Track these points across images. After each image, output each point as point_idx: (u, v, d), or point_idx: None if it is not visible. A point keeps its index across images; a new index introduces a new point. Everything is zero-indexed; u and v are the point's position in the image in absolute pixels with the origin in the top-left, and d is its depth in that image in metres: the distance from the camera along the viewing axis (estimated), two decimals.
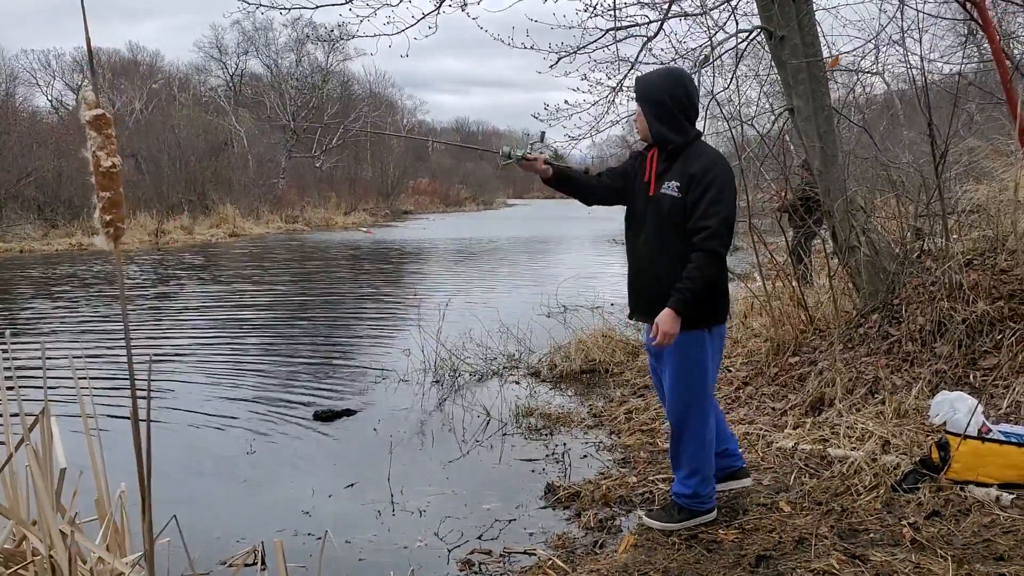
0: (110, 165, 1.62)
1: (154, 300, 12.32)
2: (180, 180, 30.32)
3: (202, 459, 5.12)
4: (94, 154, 1.62)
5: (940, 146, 5.53)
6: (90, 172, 1.65)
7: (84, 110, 1.60)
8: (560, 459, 4.89)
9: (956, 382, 4.79)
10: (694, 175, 3.44)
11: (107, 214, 1.67)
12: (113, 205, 1.65)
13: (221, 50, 51.52)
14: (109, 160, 1.61)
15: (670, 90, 3.53)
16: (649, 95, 3.56)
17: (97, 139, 1.61)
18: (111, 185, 1.63)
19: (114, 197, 1.65)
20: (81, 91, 1.62)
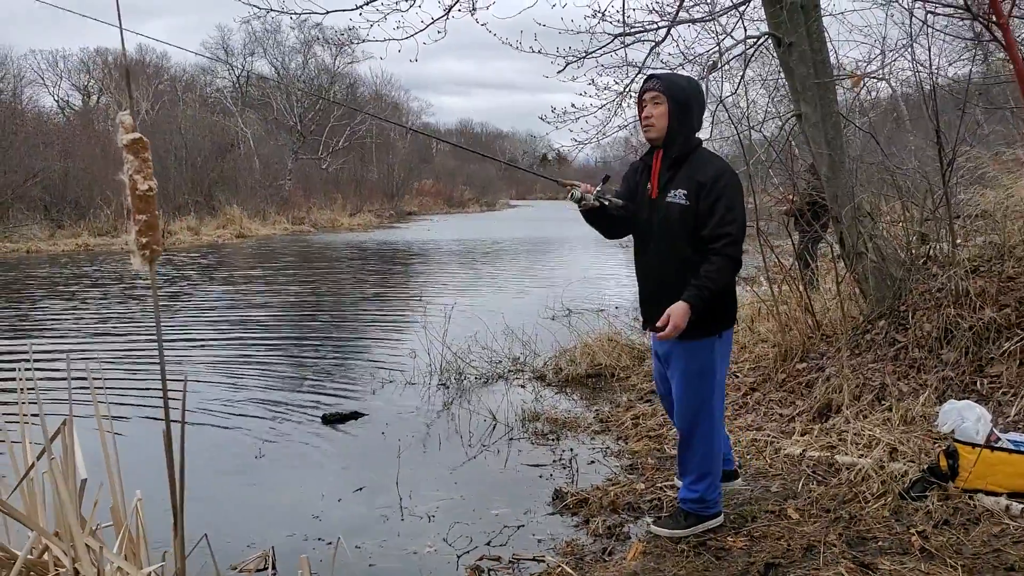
0: (146, 189, 1.64)
1: (161, 301, 12.35)
2: (186, 181, 30.41)
3: (211, 462, 5.13)
4: (131, 177, 1.63)
5: (947, 153, 5.53)
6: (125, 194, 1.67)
7: (122, 134, 1.62)
8: (567, 465, 4.91)
9: (963, 389, 4.80)
10: (703, 183, 3.45)
11: (143, 236, 1.69)
12: (149, 228, 1.67)
13: (227, 51, 51.61)
14: (146, 184, 1.63)
15: (696, 98, 3.61)
16: (677, 94, 3.54)
17: (134, 163, 1.63)
18: (147, 208, 1.65)
19: (150, 220, 1.66)
20: (119, 115, 1.64)
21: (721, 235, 3.39)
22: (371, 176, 50.04)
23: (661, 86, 3.55)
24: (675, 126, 3.53)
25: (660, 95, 3.54)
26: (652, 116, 3.55)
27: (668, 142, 3.57)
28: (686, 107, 3.54)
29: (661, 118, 3.53)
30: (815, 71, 5.92)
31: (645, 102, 3.60)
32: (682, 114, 3.53)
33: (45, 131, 29.92)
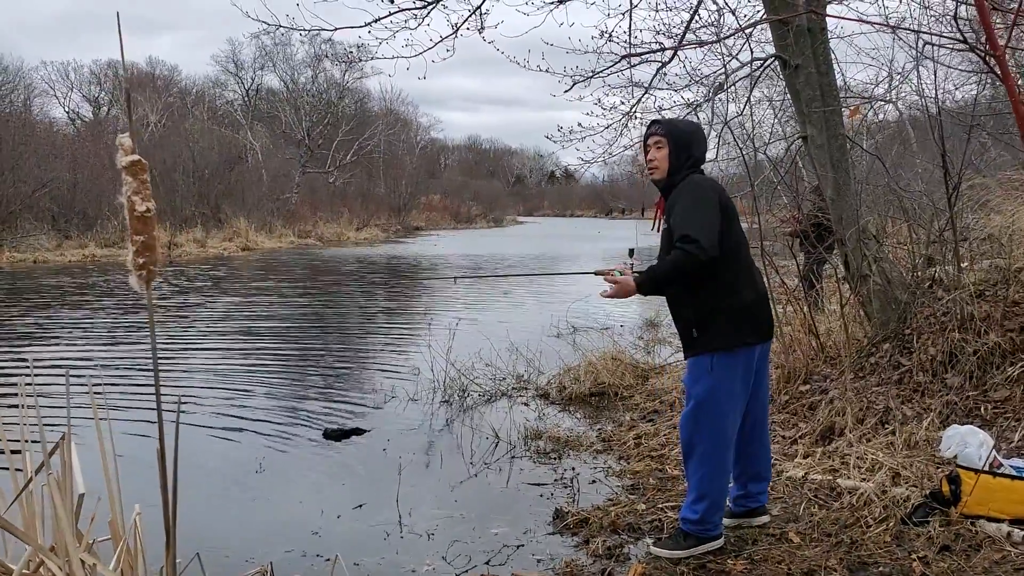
0: (144, 210, 1.65)
1: (165, 313, 12.37)
2: (194, 193, 30.52)
3: (211, 475, 5.13)
4: (129, 198, 1.65)
5: (953, 178, 5.53)
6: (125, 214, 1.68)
7: (121, 155, 1.64)
8: (569, 484, 4.89)
9: (967, 414, 4.78)
10: (672, 202, 3.64)
11: (140, 257, 1.70)
12: (147, 248, 1.68)
13: (237, 64, 51.97)
14: (144, 205, 1.65)
15: (696, 138, 3.77)
16: (677, 135, 3.71)
17: (132, 184, 1.65)
18: (145, 229, 1.66)
19: (147, 241, 1.68)
20: (119, 137, 1.66)
21: (679, 236, 3.47)
22: (378, 190, 50.23)
23: (663, 130, 3.75)
24: (675, 166, 3.70)
25: (662, 139, 3.71)
26: (655, 160, 3.73)
27: (670, 177, 3.72)
28: (687, 149, 3.71)
29: (663, 161, 3.71)
30: (821, 93, 5.93)
31: (649, 146, 3.77)
32: (683, 155, 3.70)
33: (55, 142, 30.09)
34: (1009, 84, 1.50)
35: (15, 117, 30.40)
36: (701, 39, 6.60)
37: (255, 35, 46.70)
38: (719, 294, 3.57)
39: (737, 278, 3.62)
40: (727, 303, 3.58)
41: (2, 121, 27.19)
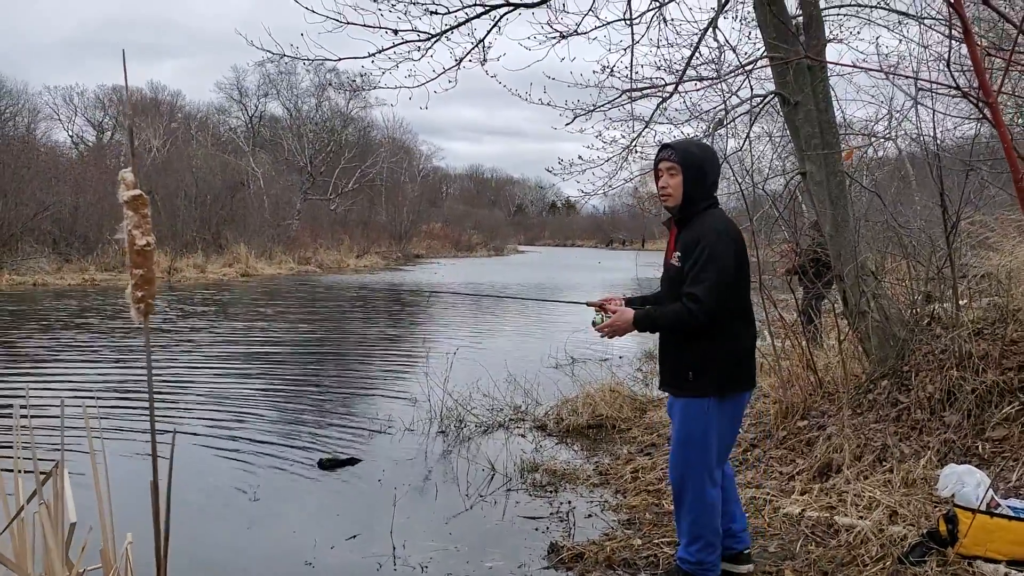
0: (144, 244, 1.66)
1: (163, 339, 12.36)
2: (195, 218, 30.63)
3: (205, 503, 5.10)
4: (129, 232, 1.66)
5: (951, 216, 5.55)
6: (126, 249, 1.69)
7: (123, 191, 1.65)
8: (564, 518, 4.86)
9: (965, 453, 4.76)
10: (689, 243, 3.54)
11: (139, 290, 1.71)
12: (145, 282, 1.69)
13: (241, 92, 52.34)
14: (144, 239, 1.66)
15: (710, 162, 3.68)
16: (691, 162, 3.61)
17: (133, 218, 1.66)
18: (144, 263, 1.67)
19: (146, 274, 1.69)
20: (120, 172, 1.67)
21: (686, 294, 3.47)
22: (379, 218, 50.38)
23: (676, 156, 3.62)
24: (690, 194, 3.61)
25: (675, 166, 3.61)
26: (668, 187, 3.63)
27: (685, 204, 3.64)
28: (701, 174, 3.61)
29: (677, 189, 3.61)
30: (820, 130, 5.97)
31: (661, 171, 3.67)
32: (697, 181, 3.61)
33: (57, 165, 30.22)
34: (1002, 131, 1.51)
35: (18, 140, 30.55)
36: (702, 75, 6.65)
37: (259, 63, 47.11)
38: (720, 339, 3.53)
39: (739, 324, 3.61)
40: (727, 348, 3.56)
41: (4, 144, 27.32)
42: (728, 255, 3.50)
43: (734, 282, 3.52)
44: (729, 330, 3.55)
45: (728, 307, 3.51)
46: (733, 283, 3.51)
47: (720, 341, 3.53)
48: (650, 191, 20.02)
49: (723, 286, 3.46)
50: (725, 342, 3.54)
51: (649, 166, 8.55)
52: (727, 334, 3.55)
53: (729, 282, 3.49)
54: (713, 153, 3.82)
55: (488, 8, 6.62)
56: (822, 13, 6.38)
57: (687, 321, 3.45)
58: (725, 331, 3.54)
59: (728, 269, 3.49)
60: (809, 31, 6.18)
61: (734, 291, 3.53)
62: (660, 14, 6.83)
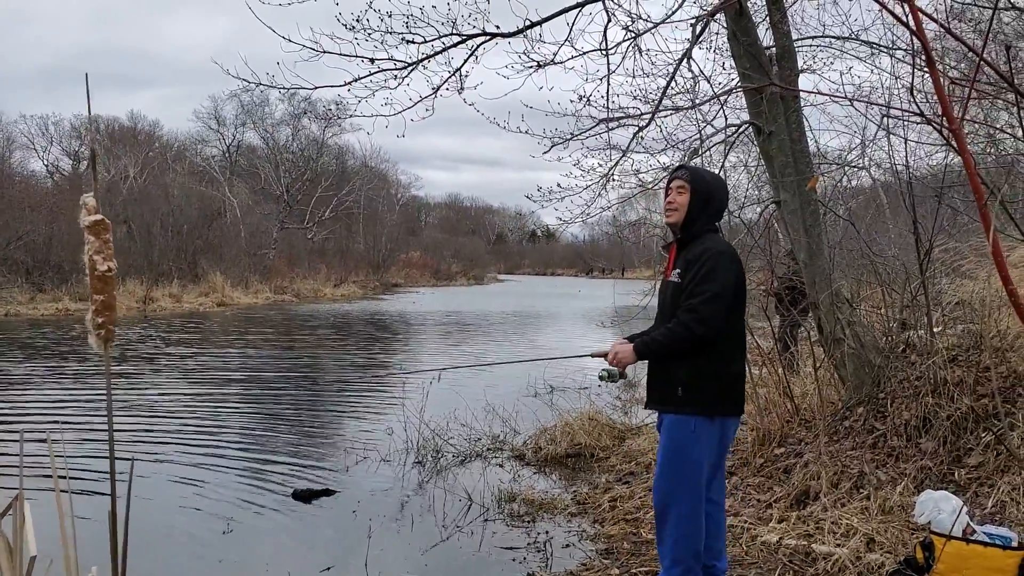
0: (105, 269, 1.63)
1: (136, 369, 12.21)
2: (171, 248, 30.41)
3: (177, 536, 5.02)
4: (91, 258, 1.63)
5: (924, 243, 5.61)
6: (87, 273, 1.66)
7: (84, 215, 1.62)
8: (542, 548, 4.81)
9: (941, 479, 4.77)
10: (691, 260, 3.58)
11: (99, 316, 1.68)
12: (106, 308, 1.66)
13: (219, 121, 52.27)
14: (105, 264, 1.63)
15: (719, 192, 3.78)
16: (700, 185, 3.69)
17: (95, 243, 1.63)
18: (105, 289, 1.64)
19: (107, 300, 1.66)
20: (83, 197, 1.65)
21: (685, 304, 3.49)
22: (357, 247, 50.25)
23: (688, 176, 3.73)
24: (694, 215, 3.67)
25: (685, 185, 3.69)
26: (675, 202, 3.70)
27: (688, 225, 3.69)
28: (708, 199, 3.69)
29: (683, 206, 3.68)
30: (794, 159, 6.03)
31: (671, 189, 3.75)
32: (703, 205, 3.67)
33: (32, 194, 29.96)
34: (966, 157, 1.52)
35: None
36: (677, 105, 6.70)
37: (234, 93, 46.98)
38: (711, 358, 3.53)
39: (731, 347, 3.61)
40: (717, 369, 3.55)
41: None
42: (729, 273, 3.54)
43: (731, 302, 3.54)
44: (720, 351, 3.55)
45: (722, 328, 3.51)
46: (731, 303, 3.53)
47: (711, 360, 3.53)
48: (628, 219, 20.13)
49: (721, 300, 3.47)
50: (716, 362, 3.54)
51: (627, 194, 8.62)
52: (718, 355, 3.54)
53: (727, 300, 3.50)
54: (724, 185, 3.93)
55: (465, 37, 6.64)
56: (795, 44, 6.47)
57: (684, 334, 3.46)
58: (716, 352, 3.54)
59: (728, 286, 3.51)
60: (782, 62, 6.26)
61: (730, 312, 3.55)
62: (635, 44, 6.88)
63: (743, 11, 6.04)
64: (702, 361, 3.52)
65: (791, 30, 6.42)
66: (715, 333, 3.46)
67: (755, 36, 6.24)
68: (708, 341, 3.47)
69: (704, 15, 6.17)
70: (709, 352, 3.51)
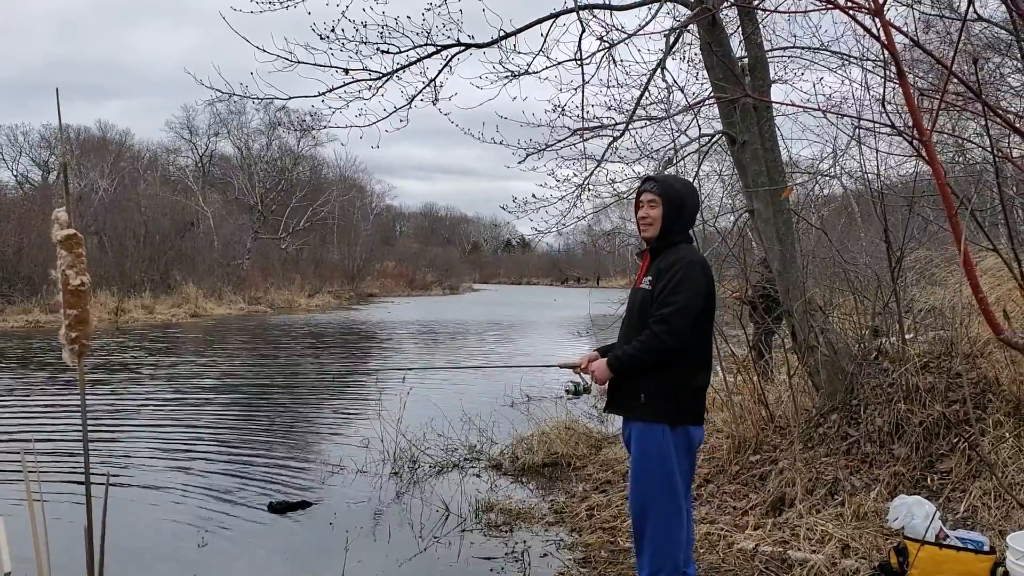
0: (79, 283, 1.62)
1: (109, 381, 12.07)
2: (143, 258, 30.09)
3: (150, 550, 4.96)
4: (63, 272, 1.62)
5: (895, 252, 5.68)
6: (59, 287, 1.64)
7: (56, 230, 1.61)
8: (519, 558, 4.81)
9: (914, 485, 4.82)
10: (663, 269, 3.58)
11: (73, 331, 1.67)
12: (79, 322, 1.65)
13: (191, 131, 51.93)
14: (78, 279, 1.62)
15: (691, 199, 3.77)
16: (672, 197, 3.68)
17: (67, 258, 1.62)
18: (78, 303, 1.63)
19: (81, 315, 1.65)
20: (55, 211, 1.63)
21: (655, 314, 3.50)
22: (331, 257, 50.01)
23: (658, 188, 3.70)
24: (669, 225, 3.67)
25: (656, 198, 3.68)
26: (648, 217, 3.69)
27: (662, 235, 3.69)
28: (680, 207, 3.68)
29: (657, 220, 3.67)
30: (767, 169, 6.09)
31: (642, 203, 3.73)
32: (677, 214, 3.67)
33: (1, 205, 29.55)
34: (936, 168, 1.55)
35: None
36: (651, 115, 6.75)
37: (209, 102, 46.70)
38: (678, 370, 3.53)
39: (695, 361, 3.61)
40: (681, 380, 3.55)
41: None
42: (699, 284, 3.55)
43: (701, 312, 3.55)
44: (686, 363, 3.55)
45: (690, 340, 3.52)
46: (700, 313, 3.54)
47: (675, 372, 3.53)
48: (603, 228, 20.20)
49: (692, 310, 3.48)
50: (680, 374, 3.54)
51: (602, 204, 8.66)
52: (683, 367, 3.54)
53: (697, 311, 3.51)
54: (694, 190, 3.92)
55: (439, 48, 6.66)
56: (767, 55, 6.54)
57: (656, 345, 3.46)
58: (681, 363, 3.54)
59: (698, 296, 3.52)
60: (755, 73, 6.32)
61: (698, 324, 3.55)
62: (609, 55, 6.93)
63: (716, 23, 6.11)
64: (666, 374, 3.52)
65: (763, 41, 6.49)
66: (685, 344, 3.48)
67: (728, 47, 6.30)
68: (678, 352, 3.48)
69: (677, 27, 6.23)
70: (672, 365, 3.52)
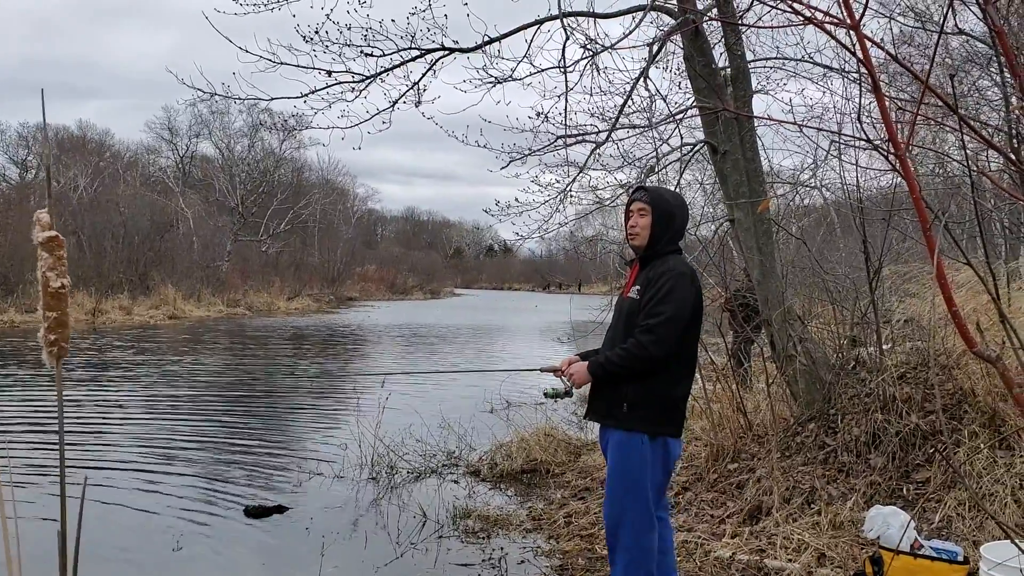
0: (59, 286, 1.60)
1: (85, 383, 11.96)
2: (122, 259, 29.84)
3: (125, 552, 4.92)
4: (44, 274, 1.60)
5: (874, 262, 5.73)
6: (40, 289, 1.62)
7: (38, 231, 1.60)
8: (496, 564, 4.80)
9: (890, 495, 4.85)
10: (651, 279, 3.59)
11: (52, 334, 1.65)
12: (59, 325, 1.63)
13: (172, 131, 51.63)
14: (59, 281, 1.60)
15: (680, 210, 3.79)
16: (661, 205, 3.70)
17: (48, 260, 1.60)
18: (58, 306, 1.61)
19: (60, 317, 1.63)
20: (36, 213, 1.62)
21: (640, 325, 3.50)
22: (312, 260, 49.77)
23: (648, 198, 3.72)
24: (657, 236, 3.67)
25: (646, 207, 3.69)
26: (637, 226, 3.70)
27: (652, 245, 3.69)
28: (670, 218, 3.69)
29: (645, 229, 3.68)
30: (748, 178, 6.12)
31: (632, 212, 3.74)
32: (665, 225, 3.68)
33: None
34: (910, 182, 1.56)
35: None
36: (634, 123, 6.77)
37: (191, 103, 46.34)
38: (661, 379, 3.54)
39: (680, 370, 3.62)
40: (664, 389, 3.56)
41: None
42: (688, 295, 3.55)
43: (687, 324, 3.55)
44: (668, 373, 3.56)
45: (675, 350, 3.53)
46: (687, 324, 3.55)
47: (659, 381, 3.53)
48: (585, 235, 20.25)
49: (678, 322, 3.49)
50: (664, 383, 3.55)
51: (584, 210, 8.67)
52: (667, 376, 3.55)
53: (684, 322, 3.52)
54: (684, 203, 3.94)
55: (423, 52, 6.66)
56: (749, 66, 6.58)
57: (641, 355, 3.46)
58: (665, 373, 3.55)
59: (685, 307, 3.53)
60: (737, 83, 6.36)
61: (684, 334, 3.56)
62: (593, 63, 6.96)
63: (699, 33, 6.14)
64: (649, 383, 3.53)
65: (746, 52, 6.53)
66: (670, 354, 3.48)
67: (711, 57, 6.34)
68: (662, 362, 3.49)
69: (660, 37, 6.26)
70: (656, 374, 3.53)
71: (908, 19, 7.42)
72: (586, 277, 67.29)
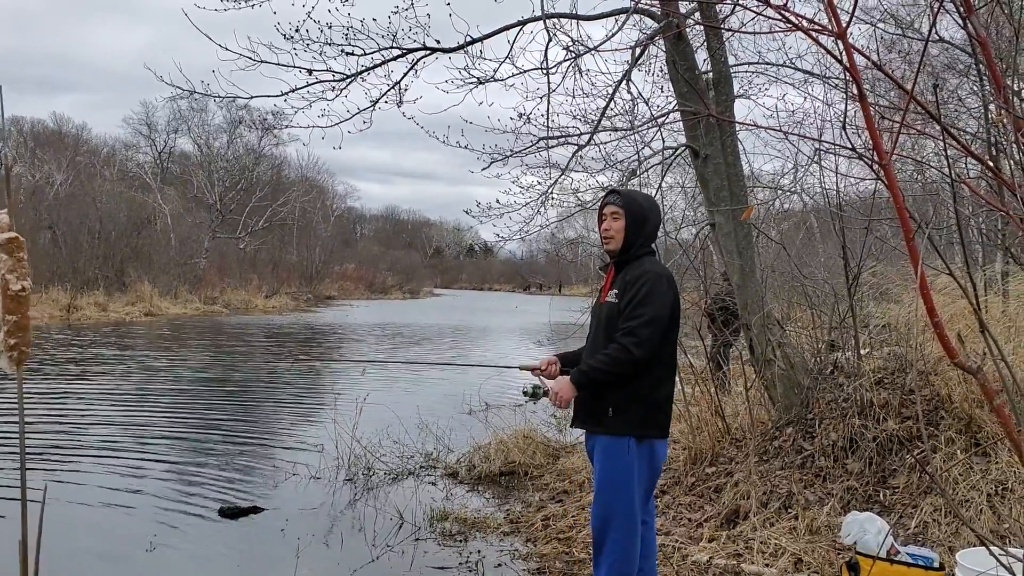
0: (19, 289, 1.56)
1: (58, 381, 11.82)
2: (98, 255, 29.55)
3: (97, 552, 4.86)
4: (3, 276, 1.56)
5: (853, 268, 5.75)
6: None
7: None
8: (473, 568, 4.77)
9: (867, 500, 4.87)
10: (628, 282, 3.58)
11: (12, 338, 1.61)
12: (19, 329, 1.59)
13: (150, 127, 51.21)
14: (19, 283, 1.56)
15: (653, 213, 3.78)
16: (635, 210, 3.69)
17: (8, 262, 1.56)
18: (19, 309, 1.57)
19: (20, 321, 1.59)
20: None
21: (622, 328, 3.49)
22: (290, 258, 49.47)
23: (621, 202, 3.71)
24: (631, 239, 3.67)
25: (619, 211, 3.68)
26: (611, 230, 3.69)
27: (626, 248, 3.68)
28: (643, 221, 3.69)
29: (619, 232, 3.67)
30: (729, 183, 6.13)
31: (605, 216, 3.73)
32: (639, 228, 3.68)
33: None
34: (894, 192, 1.55)
35: None
36: (616, 126, 6.76)
37: (170, 99, 45.97)
38: (644, 382, 3.53)
39: (661, 371, 3.61)
40: (648, 393, 3.55)
41: None
42: (666, 296, 3.56)
43: (667, 326, 3.55)
44: (650, 375, 3.55)
45: (658, 351, 3.52)
46: (666, 326, 3.54)
47: (641, 383, 3.52)
48: (567, 236, 20.26)
49: (659, 324, 3.49)
50: (646, 386, 3.54)
51: (565, 212, 8.66)
52: (649, 378, 3.54)
53: (664, 323, 3.52)
54: (656, 205, 3.93)
55: (405, 51, 6.62)
56: (731, 70, 6.59)
57: (624, 358, 3.44)
58: (650, 377, 3.54)
59: (665, 308, 3.53)
60: (719, 87, 6.37)
61: (664, 336, 3.55)
62: (575, 65, 6.93)
63: (681, 37, 6.14)
64: (632, 386, 3.52)
65: (728, 56, 6.54)
66: (653, 356, 3.48)
67: (693, 61, 6.34)
68: (645, 364, 3.48)
69: (643, 40, 6.25)
70: (639, 377, 3.52)
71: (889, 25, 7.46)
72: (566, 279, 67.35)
